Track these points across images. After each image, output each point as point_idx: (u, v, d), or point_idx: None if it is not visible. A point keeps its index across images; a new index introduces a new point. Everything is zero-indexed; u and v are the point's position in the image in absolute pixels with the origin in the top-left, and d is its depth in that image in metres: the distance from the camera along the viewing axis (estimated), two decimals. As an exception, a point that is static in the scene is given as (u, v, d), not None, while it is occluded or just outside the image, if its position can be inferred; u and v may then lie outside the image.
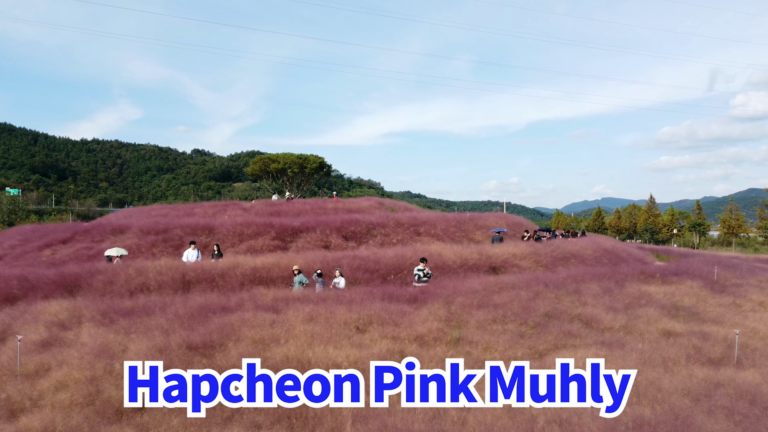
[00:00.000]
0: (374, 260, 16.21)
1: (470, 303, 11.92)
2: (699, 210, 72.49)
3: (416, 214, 25.22)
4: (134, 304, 11.43)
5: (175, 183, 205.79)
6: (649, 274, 16.66)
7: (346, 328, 10.18)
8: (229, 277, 14.62)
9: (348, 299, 11.83)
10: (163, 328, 9.93)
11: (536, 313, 11.73)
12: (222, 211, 25.46)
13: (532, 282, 14.27)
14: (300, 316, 10.57)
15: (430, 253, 17.16)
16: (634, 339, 10.84)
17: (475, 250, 18.18)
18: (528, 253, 18.88)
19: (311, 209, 25.50)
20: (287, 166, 40.38)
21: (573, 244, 21.39)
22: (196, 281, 14.33)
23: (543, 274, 16.33)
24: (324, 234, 20.40)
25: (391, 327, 10.29)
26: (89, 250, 18.84)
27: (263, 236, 19.60)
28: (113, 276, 14.20)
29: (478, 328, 10.69)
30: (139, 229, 20.05)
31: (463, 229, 23.59)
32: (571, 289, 13.91)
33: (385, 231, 21.49)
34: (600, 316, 11.96)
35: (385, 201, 31.90)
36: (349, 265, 15.66)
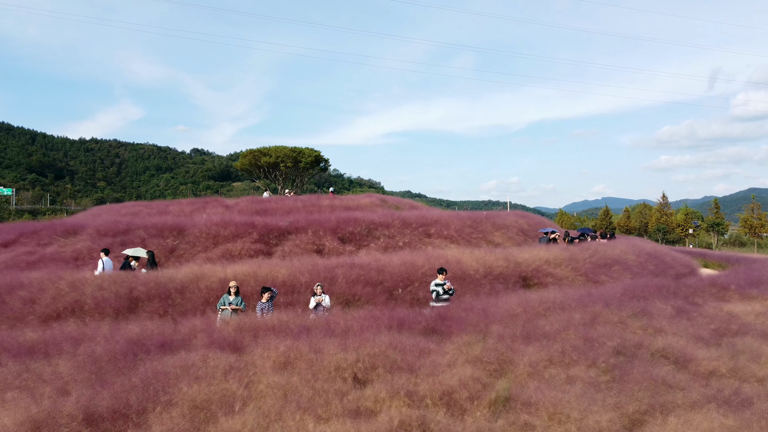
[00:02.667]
0: (377, 269, 12.89)
1: (512, 333, 8.60)
2: (717, 209, 68.98)
3: (425, 212, 21.86)
4: (41, 337, 8.11)
5: (174, 182, 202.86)
6: (722, 287, 13.33)
7: (338, 379, 6.87)
8: (189, 292, 11.30)
9: (342, 328, 8.52)
10: (63, 379, 6.62)
11: (604, 347, 8.41)
12: (201, 208, 22.11)
13: (585, 299, 10.96)
14: (271, 358, 7.25)
15: (447, 260, 13.83)
16: (754, 389, 7.52)
17: (500, 255, 14.85)
18: (563, 258, 15.56)
19: (303, 207, 22.13)
20: (280, 159, 36.83)
21: (612, 248, 18.06)
22: (147, 299, 11.02)
23: (590, 288, 13.01)
24: (317, 236, 17.07)
25: (404, 375, 6.98)
26: (31, 256, 15.53)
27: (243, 238, 16.27)
28: (39, 292, 10.89)
29: (532, 374, 7.36)
30: (94, 230, 16.74)
31: (480, 230, 20.24)
32: (637, 310, 10.58)
33: (390, 232, 18.16)
34: (691, 352, 8.62)
35: (387, 198, 28.51)
36: (346, 276, 12.34)
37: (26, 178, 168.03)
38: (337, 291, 11.87)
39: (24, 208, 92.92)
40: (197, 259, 15.09)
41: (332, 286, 12.02)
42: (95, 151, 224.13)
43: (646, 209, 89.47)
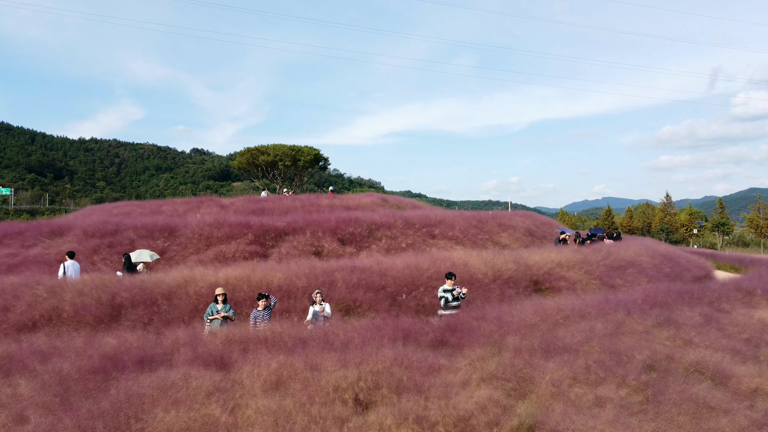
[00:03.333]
0: (379, 273, 12.05)
1: (530, 346, 7.76)
2: (722, 209, 68.06)
3: (428, 212, 21.00)
4: (5, 351, 7.27)
5: (174, 182, 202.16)
6: (748, 292, 12.50)
7: (337, 401, 6.03)
8: (177, 298, 10.47)
9: (342, 341, 7.69)
10: (22, 403, 5.78)
11: (632, 362, 7.57)
12: (195, 208, 21.24)
13: (604, 306, 10.12)
14: (261, 376, 6.42)
15: (453, 263, 12.99)
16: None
17: (509, 257, 14.01)
18: (576, 261, 14.72)
19: (302, 206, 21.27)
20: (278, 158, 35.83)
21: (625, 249, 17.23)
22: (131, 305, 10.18)
23: (606, 292, 12.17)
24: (315, 237, 16.23)
25: (412, 397, 6.14)
26: (13, 258, 14.70)
27: (237, 240, 15.43)
28: (13, 299, 10.06)
29: (555, 395, 6.52)
30: (82, 231, 15.90)
31: (486, 230, 19.39)
32: (662, 318, 9.74)
33: (392, 233, 17.32)
34: (729, 367, 7.79)
35: (389, 197, 27.65)
36: (346, 280, 11.50)
37: (25, 178, 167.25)
38: (337, 297, 11.04)
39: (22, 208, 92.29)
40: (189, 262, 14.26)
41: (331, 291, 11.19)
42: (95, 151, 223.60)
43: (648, 209, 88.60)
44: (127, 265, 12.19)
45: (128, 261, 12.32)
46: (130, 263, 12.29)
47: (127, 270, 12.04)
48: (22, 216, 74.51)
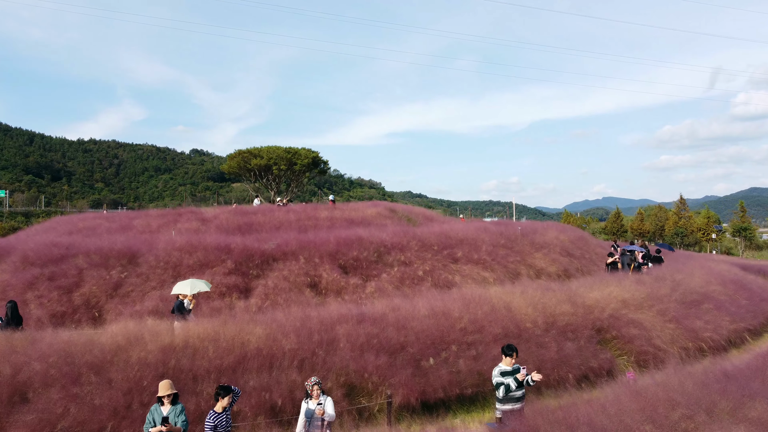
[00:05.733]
0: (396, 324, 8.89)
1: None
2: (743, 213, 64.66)
3: (446, 227, 17.78)
4: None
5: (173, 183, 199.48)
6: None
7: None
8: (113, 370, 7.31)
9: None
10: None
11: None
12: (171, 222, 18.06)
13: (723, 384, 6.93)
14: None
15: (493, 306, 9.81)
16: None
17: (561, 295, 10.84)
18: (642, 298, 11.56)
19: (296, 220, 18.10)
20: (272, 161, 32.50)
21: (690, 277, 14.06)
22: (42, 384, 7.03)
23: (715, 359, 9.01)
24: (311, 263, 13.07)
25: None
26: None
27: (213, 268, 12.28)
28: None
29: None
30: (21, 257, 12.74)
31: (517, 251, 16.22)
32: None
33: (405, 257, 14.16)
34: None
35: (397, 207, 24.47)
36: (351, 337, 8.34)
37: (23, 179, 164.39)
38: (339, 364, 7.88)
39: (17, 210, 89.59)
40: (148, 300, 11.11)
41: (331, 354, 8.04)
42: (93, 151, 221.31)
43: (661, 212, 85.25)
44: (11, 315, 8.78)
45: (13, 309, 8.78)
46: (15, 312, 8.70)
47: (8, 323, 8.69)
48: (17, 218, 71.70)
